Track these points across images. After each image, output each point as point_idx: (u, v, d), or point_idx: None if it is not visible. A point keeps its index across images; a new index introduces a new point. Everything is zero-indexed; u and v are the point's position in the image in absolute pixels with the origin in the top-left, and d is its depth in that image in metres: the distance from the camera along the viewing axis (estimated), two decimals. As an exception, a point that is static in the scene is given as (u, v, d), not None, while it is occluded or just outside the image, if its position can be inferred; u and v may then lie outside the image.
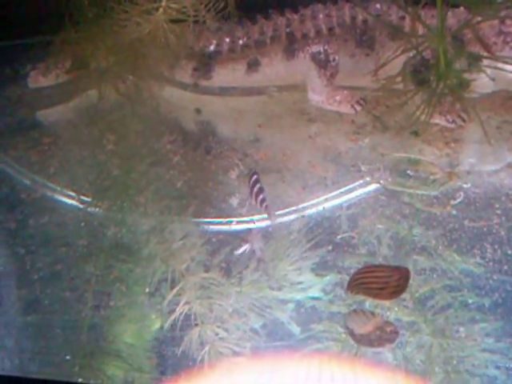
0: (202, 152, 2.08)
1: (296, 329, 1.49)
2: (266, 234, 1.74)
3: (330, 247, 1.69)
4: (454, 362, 1.41)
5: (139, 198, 1.89)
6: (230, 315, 1.54)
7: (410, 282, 1.51)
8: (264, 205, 1.72)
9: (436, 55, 1.91)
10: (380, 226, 1.76)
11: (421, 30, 2.01)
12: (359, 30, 2.15)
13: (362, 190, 1.89)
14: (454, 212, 1.78)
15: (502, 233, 1.69)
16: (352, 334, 1.44)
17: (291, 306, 1.55)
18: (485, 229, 1.70)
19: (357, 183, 1.90)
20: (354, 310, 1.49)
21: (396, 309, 1.52)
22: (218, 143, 2.11)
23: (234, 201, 1.86)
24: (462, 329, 1.47)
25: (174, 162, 2.02)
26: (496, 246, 1.66)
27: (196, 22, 1.97)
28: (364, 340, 1.41)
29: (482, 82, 2.05)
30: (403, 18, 2.12)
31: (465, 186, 1.87)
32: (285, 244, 1.72)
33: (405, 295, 1.53)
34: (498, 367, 1.39)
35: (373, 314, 1.48)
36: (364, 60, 2.15)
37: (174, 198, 1.90)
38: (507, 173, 1.92)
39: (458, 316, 1.50)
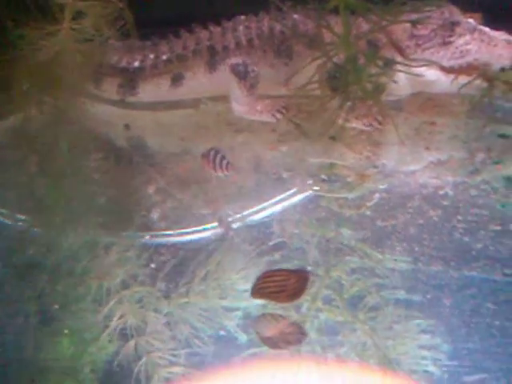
0: (129, 167, 2.10)
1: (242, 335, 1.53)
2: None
3: (265, 256, 1.72)
4: (390, 360, 1.45)
5: (59, 217, 1.90)
6: (164, 326, 1.57)
7: (343, 282, 1.56)
8: (229, 166, 1.86)
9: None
10: (304, 231, 1.80)
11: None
12: (277, 40, 2.18)
13: (283, 196, 1.93)
14: (369, 213, 1.82)
15: (412, 231, 1.74)
16: (260, 336, 1.47)
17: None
18: (390, 228, 1.75)
19: (277, 190, 1.94)
20: (263, 314, 1.52)
21: (327, 309, 1.56)
22: (143, 158, 2.14)
23: (155, 215, 1.89)
24: (395, 326, 1.51)
25: (99, 179, 2.05)
26: (404, 244, 1.71)
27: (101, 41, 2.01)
28: (270, 342, 1.45)
29: (399, 85, 2.10)
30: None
31: (381, 187, 1.92)
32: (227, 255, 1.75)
33: (335, 295, 1.58)
34: (434, 364, 1.44)
35: (281, 316, 1.51)
36: (283, 69, 2.18)
37: (97, 214, 1.92)
38: (423, 172, 1.97)
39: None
